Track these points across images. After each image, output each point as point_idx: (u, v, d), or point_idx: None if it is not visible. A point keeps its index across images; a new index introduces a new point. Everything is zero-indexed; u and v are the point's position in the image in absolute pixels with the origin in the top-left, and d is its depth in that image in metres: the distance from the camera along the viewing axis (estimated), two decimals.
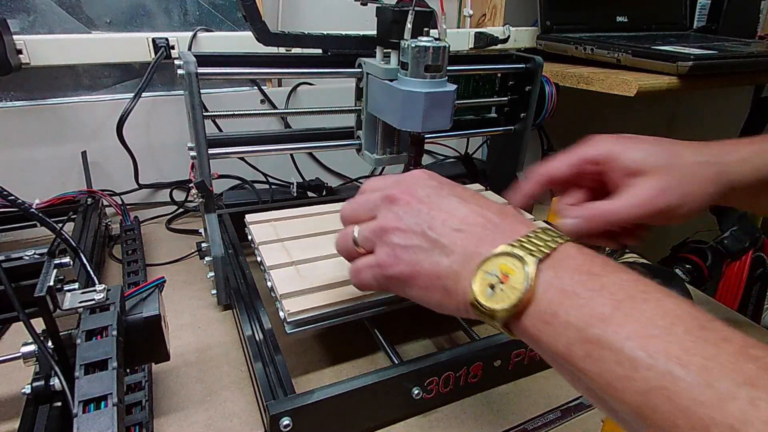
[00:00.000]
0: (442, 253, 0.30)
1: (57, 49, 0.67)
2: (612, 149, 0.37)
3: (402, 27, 0.46)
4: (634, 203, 0.35)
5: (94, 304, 0.35)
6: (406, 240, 0.31)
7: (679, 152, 0.37)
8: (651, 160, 0.36)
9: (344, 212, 0.38)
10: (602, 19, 0.96)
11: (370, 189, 0.36)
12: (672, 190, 0.35)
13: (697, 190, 0.36)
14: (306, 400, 0.37)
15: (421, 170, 0.36)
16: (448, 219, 0.31)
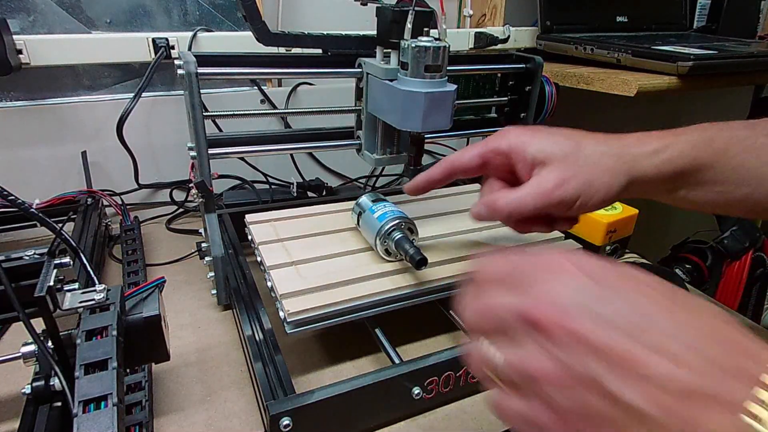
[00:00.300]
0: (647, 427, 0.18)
1: (57, 49, 0.67)
2: (518, 140, 0.39)
3: (402, 27, 0.46)
4: (532, 194, 0.36)
5: (94, 304, 0.35)
6: (572, 400, 0.19)
7: (583, 143, 0.37)
8: (553, 151, 0.37)
9: (468, 317, 0.25)
10: (602, 19, 0.96)
11: (491, 283, 0.24)
12: (570, 181, 0.36)
13: (598, 180, 0.36)
14: (306, 400, 0.37)
15: (561, 255, 0.23)
16: (648, 364, 0.18)
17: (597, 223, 0.61)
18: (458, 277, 0.49)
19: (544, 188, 0.36)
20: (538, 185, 0.37)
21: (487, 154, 0.40)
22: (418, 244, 0.47)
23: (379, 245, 0.49)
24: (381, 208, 0.50)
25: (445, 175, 0.43)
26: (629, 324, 0.19)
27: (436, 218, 0.60)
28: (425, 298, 0.48)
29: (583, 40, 0.84)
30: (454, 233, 0.57)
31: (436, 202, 0.65)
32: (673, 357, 0.18)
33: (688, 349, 0.18)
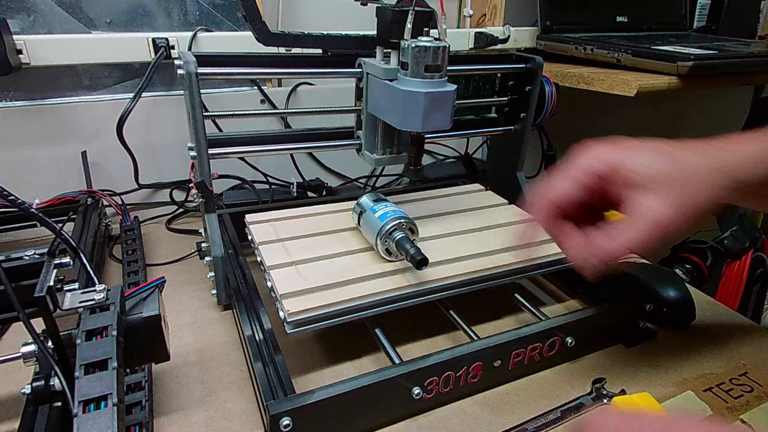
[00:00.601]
0: None
1: (57, 49, 0.67)
2: (612, 160, 0.35)
3: (402, 27, 0.46)
4: (641, 229, 0.33)
5: (94, 304, 0.35)
6: None
7: (680, 159, 0.34)
8: (653, 172, 0.33)
9: None
10: (602, 19, 0.96)
11: None
12: (680, 208, 0.33)
13: (705, 201, 0.33)
14: (306, 400, 0.37)
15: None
16: None
17: None
18: (458, 277, 0.49)
19: (652, 219, 0.33)
20: (644, 217, 0.33)
21: (585, 181, 0.35)
22: (419, 244, 0.47)
23: (380, 245, 0.49)
24: (382, 208, 0.50)
25: (557, 218, 0.37)
26: None
27: (436, 218, 0.60)
28: (425, 298, 0.49)
29: (583, 40, 0.84)
30: (455, 233, 0.57)
31: (437, 202, 0.65)
32: None
33: None
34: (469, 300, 0.51)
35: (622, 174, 0.34)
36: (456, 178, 0.83)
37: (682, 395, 0.46)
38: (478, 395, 0.46)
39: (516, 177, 0.73)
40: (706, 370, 0.49)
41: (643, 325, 0.53)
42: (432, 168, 0.94)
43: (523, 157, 0.73)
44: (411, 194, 0.67)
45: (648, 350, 0.52)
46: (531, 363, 0.47)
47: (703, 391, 0.46)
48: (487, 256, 0.52)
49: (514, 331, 0.46)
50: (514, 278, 0.53)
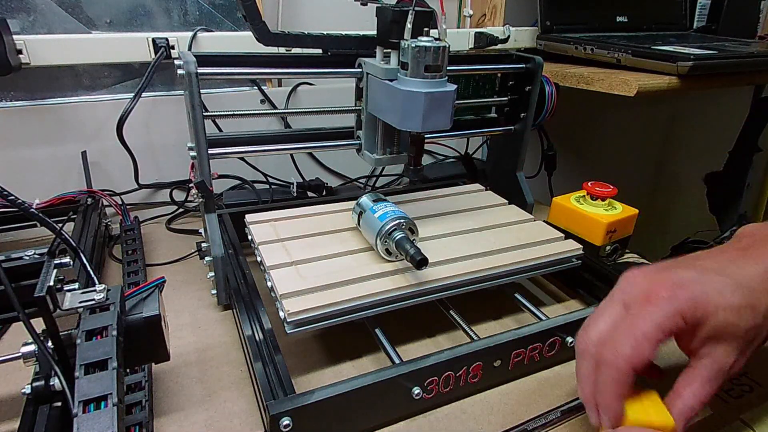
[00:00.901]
0: None
1: (57, 49, 0.67)
2: (696, 315, 0.31)
3: (402, 27, 0.46)
4: (711, 379, 0.32)
5: (94, 304, 0.35)
6: None
7: (760, 291, 0.32)
8: (736, 326, 0.31)
9: None
10: (602, 19, 0.96)
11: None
12: (744, 354, 0.32)
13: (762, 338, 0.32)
14: (306, 400, 0.37)
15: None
16: None
17: (597, 223, 0.61)
18: (458, 277, 0.49)
19: (721, 370, 0.32)
20: (717, 371, 0.32)
21: (663, 337, 0.32)
22: (419, 244, 0.47)
23: (380, 245, 0.49)
24: (382, 208, 0.50)
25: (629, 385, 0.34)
26: None
27: (436, 218, 0.60)
28: (425, 298, 0.49)
29: (583, 40, 0.84)
30: (455, 233, 0.57)
31: (437, 202, 0.65)
32: None
33: None
34: (469, 300, 0.51)
35: (711, 328, 0.32)
36: (456, 178, 0.83)
37: None
38: (478, 395, 0.45)
39: (516, 177, 0.73)
40: None
41: None
42: (432, 168, 0.94)
43: (523, 157, 0.73)
44: (411, 194, 0.67)
45: None
46: (531, 363, 0.47)
47: None
48: (487, 256, 0.52)
49: (514, 331, 0.46)
50: (514, 278, 0.53)
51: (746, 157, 1.05)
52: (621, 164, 1.37)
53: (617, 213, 0.61)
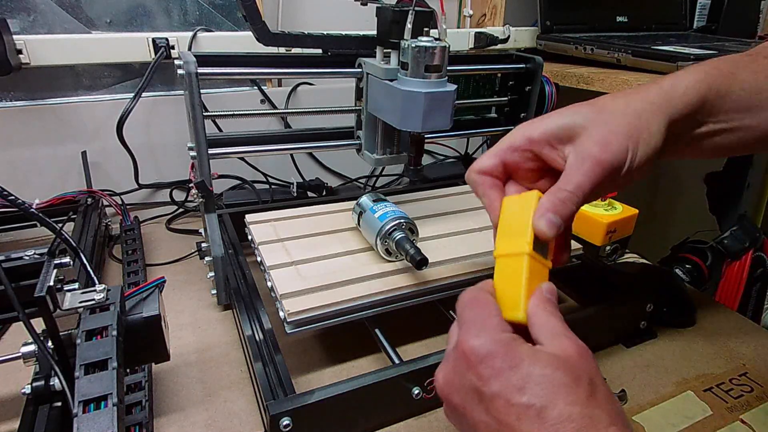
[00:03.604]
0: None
1: (57, 49, 0.67)
2: (533, 128, 0.35)
3: (402, 27, 0.46)
4: (583, 170, 0.32)
5: (94, 304, 0.35)
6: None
7: (605, 103, 0.34)
8: (576, 122, 0.33)
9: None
10: (602, 19, 0.96)
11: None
12: (612, 139, 0.32)
13: (638, 128, 0.33)
14: (306, 400, 0.37)
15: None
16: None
17: (597, 223, 0.61)
18: (458, 277, 0.49)
19: (592, 156, 0.32)
20: (583, 158, 0.32)
21: (505, 154, 0.36)
22: (419, 244, 0.47)
23: (380, 245, 0.49)
24: (382, 208, 0.50)
25: (479, 188, 0.37)
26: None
27: (436, 218, 0.60)
28: (425, 298, 0.49)
29: (583, 40, 0.84)
30: (454, 233, 0.57)
31: (436, 202, 0.65)
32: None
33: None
34: None
35: (551, 135, 0.34)
36: (456, 178, 0.83)
37: (682, 395, 0.46)
38: None
39: None
40: (706, 370, 0.49)
41: (643, 325, 0.53)
42: (432, 168, 0.94)
43: None
44: (411, 194, 0.67)
45: (648, 350, 0.52)
46: None
47: (703, 391, 0.46)
48: (487, 256, 0.52)
49: None
50: None
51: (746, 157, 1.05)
52: None
53: (617, 213, 0.61)
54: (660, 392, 0.46)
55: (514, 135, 0.36)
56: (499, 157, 0.36)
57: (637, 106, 0.33)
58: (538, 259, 0.32)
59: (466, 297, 0.31)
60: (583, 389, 0.25)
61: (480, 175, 0.37)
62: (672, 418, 0.43)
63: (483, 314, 0.29)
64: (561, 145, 0.34)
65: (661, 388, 0.47)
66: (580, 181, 0.32)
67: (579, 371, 0.26)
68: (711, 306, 0.60)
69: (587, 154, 0.32)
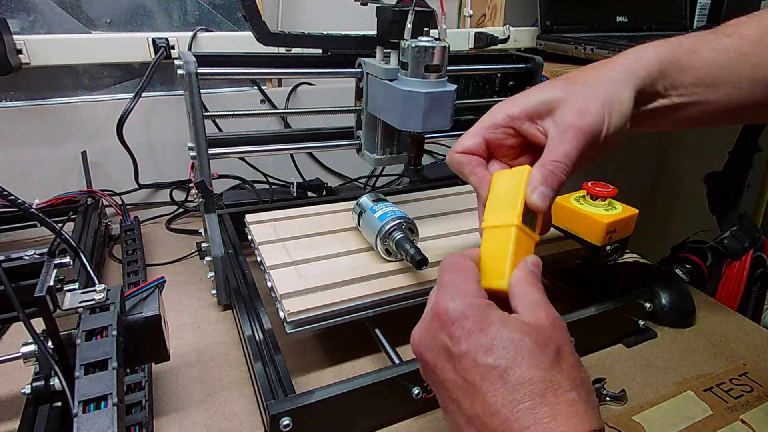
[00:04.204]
0: None
1: (57, 49, 0.67)
2: (512, 105, 0.36)
3: (402, 27, 0.46)
4: (566, 139, 0.33)
5: (94, 304, 0.35)
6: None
7: (576, 76, 0.36)
8: (553, 96, 0.35)
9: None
10: (602, 19, 0.96)
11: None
12: (588, 107, 0.34)
13: (610, 95, 0.34)
14: (306, 400, 0.37)
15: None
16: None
17: (597, 223, 0.61)
18: None
19: (572, 125, 0.33)
20: (565, 128, 0.34)
21: (486, 132, 0.37)
22: (419, 244, 0.47)
23: (380, 245, 0.49)
24: (382, 208, 0.50)
25: (465, 168, 0.38)
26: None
27: (436, 218, 0.60)
28: (425, 298, 0.48)
29: (583, 40, 0.84)
30: (454, 233, 0.57)
31: (436, 202, 0.65)
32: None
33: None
34: None
35: (531, 110, 0.36)
36: (456, 178, 0.82)
37: (682, 395, 0.46)
38: None
39: None
40: (706, 370, 0.49)
41: (643, 325, 0.53)
42: (432, 168, 0.94)
43: None
44: (411, 194, 0.67)
45: (648, 350, 0.52)
46: None
47: (703, 391, 0.46)
48: None
49: None
50: None
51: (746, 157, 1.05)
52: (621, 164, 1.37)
53: (617, 213, 0.61)
54: (660, 392, 0.46)
55: (493, 113, 0.37)
56: (480, 135, 0.38)
57: (606, 76, 0.35)
58: (527, 231, 0.33)
59: (448, 261, 0.32)
60: (549, 356, 0.26)
61: (464, 155, 0.38)
62: (672, 418, 0.43)
63: (461, 278, 0.30)
64: (540, 120, 0.36)
65: (661, 388, 0.47)
66: (567, 150, 0.34)
67: (547, 339, 0.26)
68: (711, 306, 0.60)
69: (568, 124, 0.34)
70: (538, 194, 0.33)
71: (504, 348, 0.26)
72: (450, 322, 0.28)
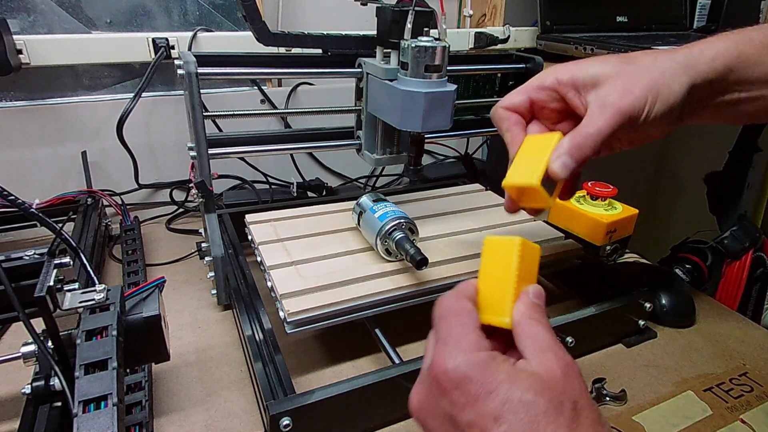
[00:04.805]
0: None
1: (57, 49, 0.67)
2: (565, 71, 0.37)
3: (402, 27, 0.46)
4: (604, 115, 0.34)
5: (94, 304, 0.35)
6: None
7: (635, 57, 0.36)
8: (604, 71, 0.35)
9: None
10: (602, 19, 0.96)
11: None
12: (633, 88, 0.34)
13: (659, 82, 0.34)
14: (306, 400, 0.37)
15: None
16: None
17: (597, 223, 0.61)
18: (458, 277, 0.49)
19: (612, 103, 0.34)
20: (604, 105, 0.34)
21: (533, 92, 0.38)
22: (419, 244, 0.47)
23: (380, 245, 0.49)
24: (382, 208, 0.50)
25: (504, 123, 0.40)
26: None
27: (436, 218, 0.60)
28: (425, 298, 0.49)
29: (583, 40, 0.84)
30: (454, 233, 0.57)
31: (436, 202, 0.65)
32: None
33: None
34: None
35: (579, 80, 0.36)
36: (456, 178, 0.83)
37: (682, 395, 0.46)
38: None
39: None
40: (706, 370, 0.49)
41: (643, 325, 0.53)
42: (432, 168, 0.94)
43: None
44: (411, 194, 0.67)
45: (648, 350, 0.52)
46: None
47: (703, 391, 0.46)
48: None
49: None
50: None
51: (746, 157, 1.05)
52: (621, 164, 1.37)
53: (617, 213, 0.61)
54: (660, 392, 0.46)
55: (543, 75, 0.38)
56: (527, 94, 0.38)
57: (663, 64, 0.35)
58: (543, 194, 0.34)
59: (443, 306, 0.29)
60: (566, 416, 0.23)
61: (507, 111, 0.39)
62: (672, 418, 0.43)
63: (459, 328, 0.27)
64: (585, 91, 0.36)
65: (661, 388, 0.47)
66: (600, 127, 0.34)
67: (562, 395, 0.24)
68: (711, 306, 0.60)
69: (608, 102, 0.34)
70: (561, 163, 0.34)
71: (515, 414, 0.23)
72: (452, 387, 0.24)
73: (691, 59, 0.35)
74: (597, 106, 0.34)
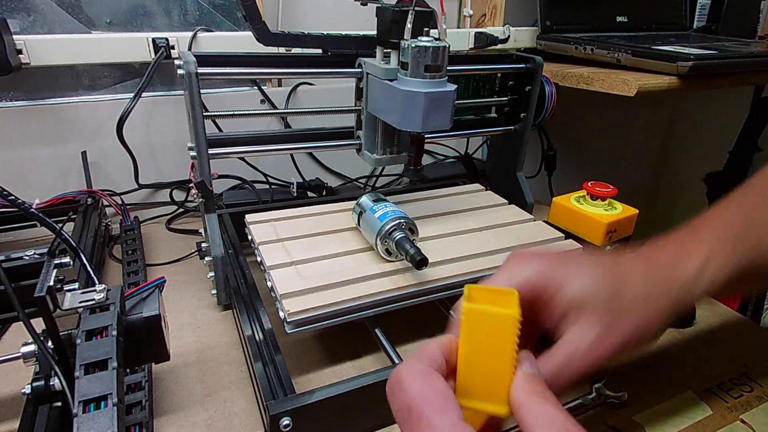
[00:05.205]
0: None
1: (57, 49, 0.67)
2: (555, 274, 0.31)
3: (402, 27, 0.46)
4: (578, 355, 0.29)
5: (94, 304, 0.35)
6: None
7: (628, 284, 0.31)
8: (595, 295, 0.30)
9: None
10: (602, 19, 0.96)
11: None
12: (617, 326, 0.30)
13: (645, 324, 0.31)
14: (306, 400, 0.37)
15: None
16: None
17: (597, 223, 0.61)
18: (458, 277, 0.49)
19: (586, 348, 0.29)
20: (577, 346, 0.29)
21: (519, 286, 0.30)
22: (419, 244, 0.47)
23: (380, 245, 0.49)
24: (382, 208, 0.50)
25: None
26: None
27: (436, 218, 0.60)
28: (425, 298, 0.49)
29: (583, 40, 0.84)
30: (455, 233, 0.57)
31: (436, 202, 0.65)
32: None
33: None
34: None
35: (566, 294, 0.30)
36: (456, 178, 0.83)
37: (682, 395, 0.46)
38: None
39: (516, 177, 0.73)
40: (706, 370, 0.49)
41: None
42: (432, 168, 0.94)
43: (523, 157, 0.73)
44: (411, 194, 0.67)
45: (648, 350, 0.52)
46: None
47: (703, 391, 0.46)
48: (487, 256, 0.52)
49: None
50: None
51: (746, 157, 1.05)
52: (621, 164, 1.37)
53: (617, 213, 0.61)
54: (660, 392, 0.46)
55: (529, 272, 0.31)
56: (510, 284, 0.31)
57: (656, 304, 0.31)
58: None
59: (412, 390, 0.24)
60: None
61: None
62: (672, 418, 0.43)
63: (437, 422, 0.22)
64: (569, 313, 0.30)
65: (661, 388, 0.47)
66: (579, 367, 0.29)
67: None
68: (711, 306, 0.60)
69: (596, 344, 0.30)
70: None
71: None
72: None
73: (682, 290, 0.32)
74: (573, 342, 0.30)
